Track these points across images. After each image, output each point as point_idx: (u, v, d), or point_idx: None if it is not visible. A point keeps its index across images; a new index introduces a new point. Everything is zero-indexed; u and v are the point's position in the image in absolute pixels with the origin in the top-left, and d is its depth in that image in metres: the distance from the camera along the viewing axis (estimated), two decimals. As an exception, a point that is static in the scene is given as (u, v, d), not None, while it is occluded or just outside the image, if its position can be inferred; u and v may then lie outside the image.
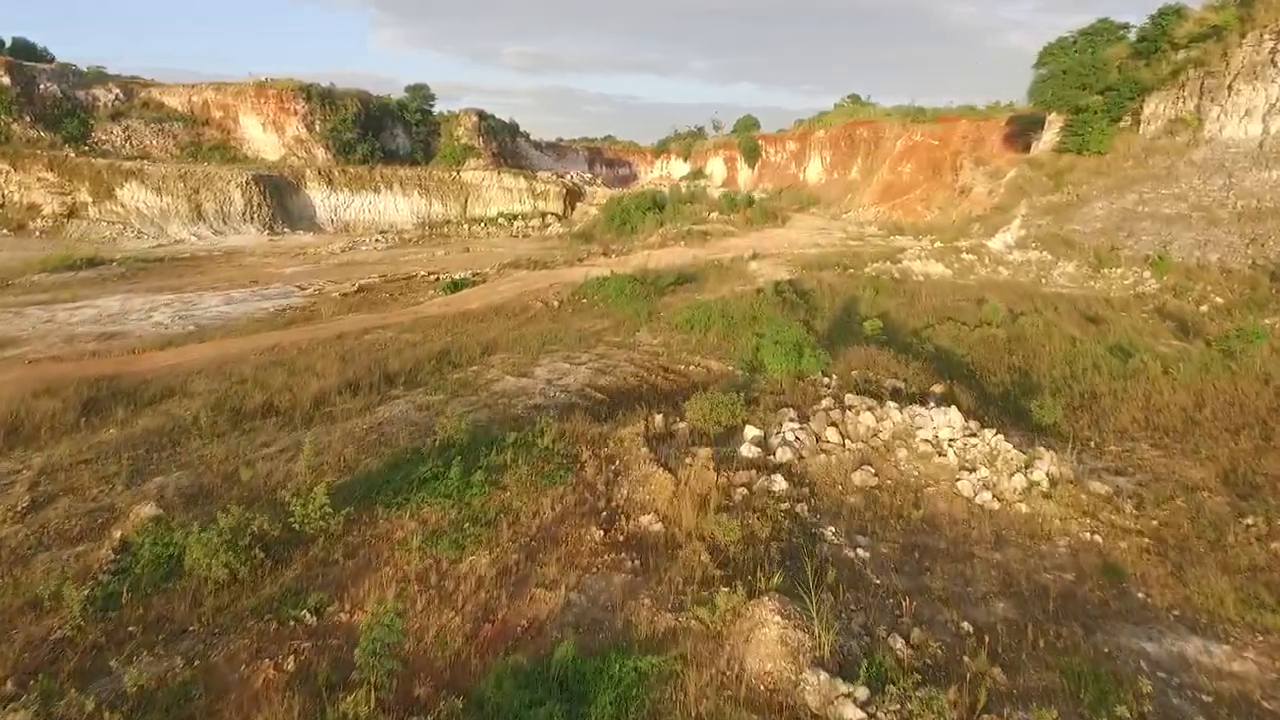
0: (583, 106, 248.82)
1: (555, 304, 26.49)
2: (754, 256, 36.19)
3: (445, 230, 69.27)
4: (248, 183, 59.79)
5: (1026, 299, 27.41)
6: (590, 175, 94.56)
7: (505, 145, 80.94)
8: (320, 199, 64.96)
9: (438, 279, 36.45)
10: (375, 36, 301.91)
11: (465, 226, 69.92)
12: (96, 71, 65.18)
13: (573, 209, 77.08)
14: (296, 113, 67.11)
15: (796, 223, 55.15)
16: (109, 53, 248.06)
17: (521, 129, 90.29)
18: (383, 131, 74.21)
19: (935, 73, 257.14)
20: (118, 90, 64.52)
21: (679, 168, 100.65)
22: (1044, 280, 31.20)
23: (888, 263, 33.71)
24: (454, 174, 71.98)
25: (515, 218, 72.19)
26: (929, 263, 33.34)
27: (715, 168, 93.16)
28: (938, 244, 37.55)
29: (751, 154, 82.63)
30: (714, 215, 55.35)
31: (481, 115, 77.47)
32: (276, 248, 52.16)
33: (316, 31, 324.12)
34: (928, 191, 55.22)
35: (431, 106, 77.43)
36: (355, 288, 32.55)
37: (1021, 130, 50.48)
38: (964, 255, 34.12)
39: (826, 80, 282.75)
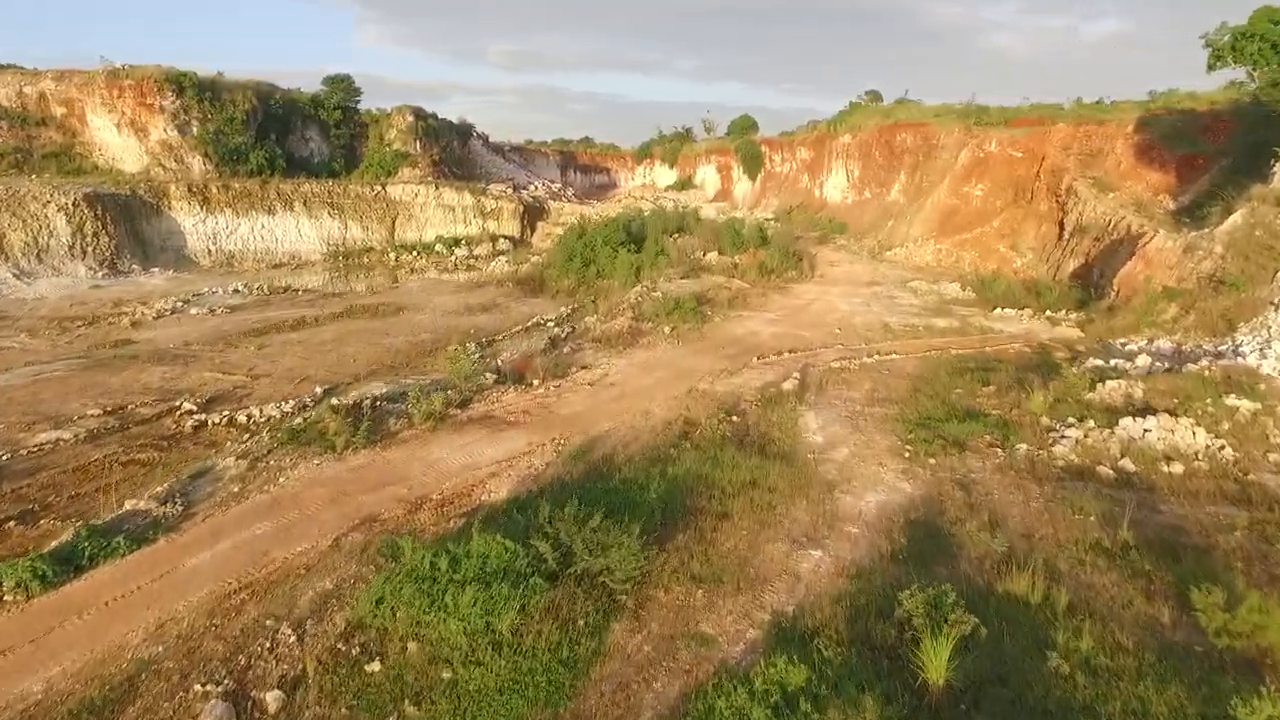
0: (568, 105, 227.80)
1: None
2: (803, 390, 17.78)
3: (366, 260, 50.49)
4: (77, 204, 40.76)
5: None
6: (561, 184, 75.64)
7: (451, 150, 61.86)
8: (191, 224, 45.92)
9: (226, 419, 17.99)
10: (361, 35, 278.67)
11: (392, 255, 51.18)
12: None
13: (532, 230, 58.39)
14: (163, 110, 47.75)
15: (829, 267, 36.68)
16: (108, 50, 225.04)
17: (478, 130, 71.23)
18: (290, 134, 55.11)
19: (922, 73, 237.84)
20: (-87, 79, 45.20)
21: (664, 175, 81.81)
22: None
23: (1088, 424, 15.35)
24: (378, 189, 53.03)
25: (457, 243, 53.55)
26: (1178, 424, 15.02)
27: (706, 176, 74.39)
28: (1135, 349, 19.16)
29: (753, 162, 63.83)
30: (712, 256, 36.85)
31: (419, 114, 58.33)
32: (80, 305, 33.44)
33: (315, 31, 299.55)
34: (1011, 223, 36.86)
35: (357, 103, 58.28)
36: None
37: (1165, 138, 32.21)
38: (1230, 400, 15.84)
39: (812, 80, 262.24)
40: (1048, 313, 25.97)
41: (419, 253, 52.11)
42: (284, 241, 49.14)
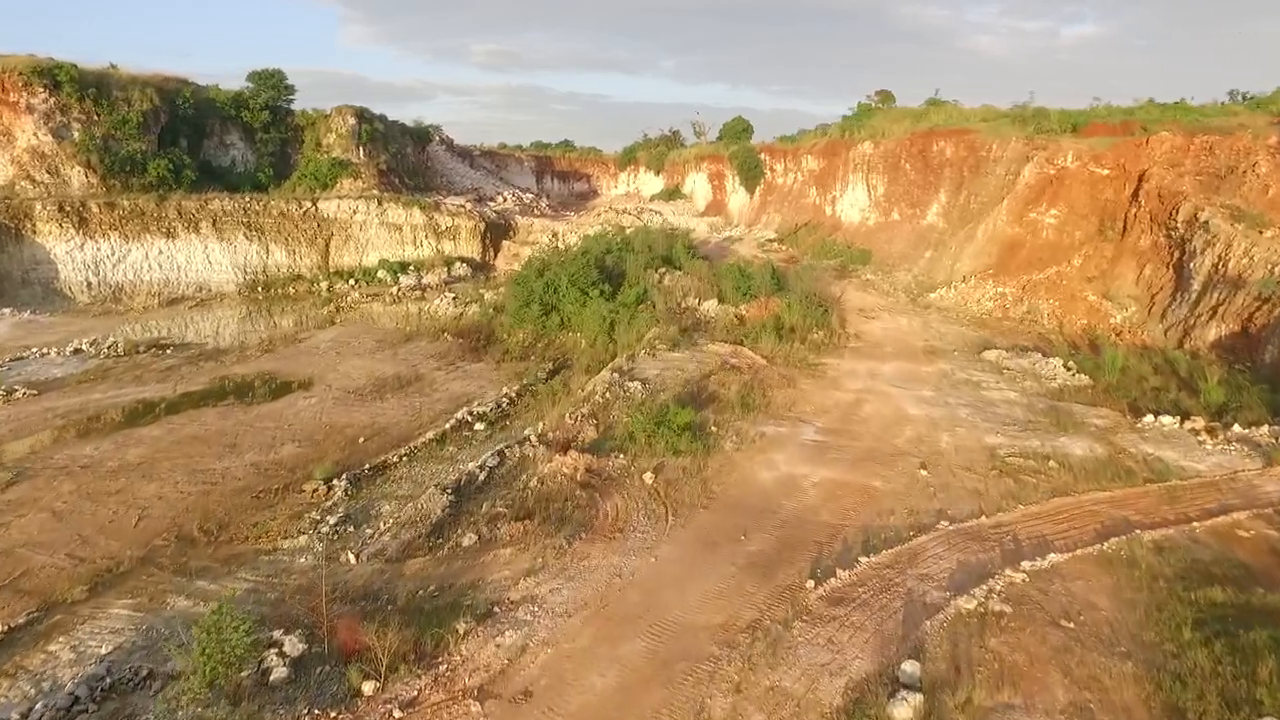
0: (551, 105, 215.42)
1: None
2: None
3: (292, 290, 40.55)
4: (-104, 231, 30.61)
5: None
6: (536, 192, 65.51)
7: (404, 158, 51.50)
8: (63, 250, 35.63)
9: None
10: (344, 34, 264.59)
11: (324, 284, 41.14)
12: None
13: (496, 251, 48.28)
14: (31, 110, 37.22)
15: (865, 321, 26.82)
16: (110, 46, 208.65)
17: (443, 134, 61.05)
18: (207, 140, 44.66)
19: (915, 74, 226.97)
20: None
21: (649, 182, 71.79)
22: None
23: None
24: (307, 205, 42.78)
25: (405, 268, 43.49)
26: None
27: (697, 186, 64.36)
28: None
29: (751, 172, 53.82)
30: (710, 305, 26.99)
31: (363, 116, 47.87)
32: None
33: (298, 31, 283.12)
34: (1099, 263, 27.16)
35: (289, 102, 47.87)
36: None
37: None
38: None
39: (799, 80, 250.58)
40: (1235, 427, 16.23)
41: (358, 280, 41.97)
42: (188, 270, 38.83)
